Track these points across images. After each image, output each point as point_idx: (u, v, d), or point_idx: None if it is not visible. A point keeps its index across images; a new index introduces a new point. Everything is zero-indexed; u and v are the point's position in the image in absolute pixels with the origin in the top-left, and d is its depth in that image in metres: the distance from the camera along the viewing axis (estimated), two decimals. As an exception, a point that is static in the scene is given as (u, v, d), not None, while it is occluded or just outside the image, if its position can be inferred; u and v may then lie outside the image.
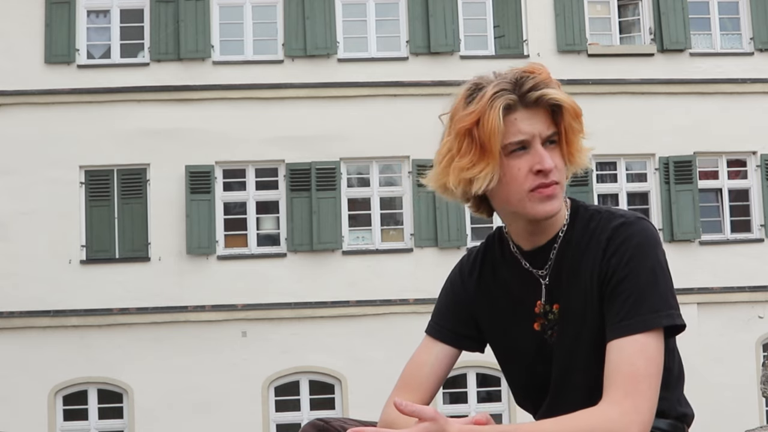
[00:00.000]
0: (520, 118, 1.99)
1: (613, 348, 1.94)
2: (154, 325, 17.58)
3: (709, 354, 17.74)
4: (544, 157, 1.99)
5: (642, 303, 1.95)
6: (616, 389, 1.90)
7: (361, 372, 17.59)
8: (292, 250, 17.93)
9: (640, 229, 2.01)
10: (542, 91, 1.98)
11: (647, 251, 1.99)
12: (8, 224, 17.57)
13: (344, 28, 18.57)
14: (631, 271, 1.97)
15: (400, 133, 17.80)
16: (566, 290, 2.07)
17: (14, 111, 17.78)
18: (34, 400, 17.26)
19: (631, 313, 1.95)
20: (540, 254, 2.11)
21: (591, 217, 2.08)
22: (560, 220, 2.09)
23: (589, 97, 18.28)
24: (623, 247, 2.00)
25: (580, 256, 2.05)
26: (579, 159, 2.04)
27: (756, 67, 18.93)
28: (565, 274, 2.07)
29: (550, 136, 2.01)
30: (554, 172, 2.00)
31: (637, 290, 1.96)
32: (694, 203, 18.49)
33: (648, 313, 1.94)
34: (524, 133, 1.99)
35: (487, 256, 2.21)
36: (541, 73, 2.01)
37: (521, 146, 2.00)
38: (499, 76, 2.02)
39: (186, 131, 17.93)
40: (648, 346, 1.93)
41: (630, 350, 1.92)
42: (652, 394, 1.90)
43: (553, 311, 2.09)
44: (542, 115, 2.00)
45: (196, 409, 17.42)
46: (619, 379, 1.91)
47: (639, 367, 1.91)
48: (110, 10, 18.42)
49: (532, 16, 18.68)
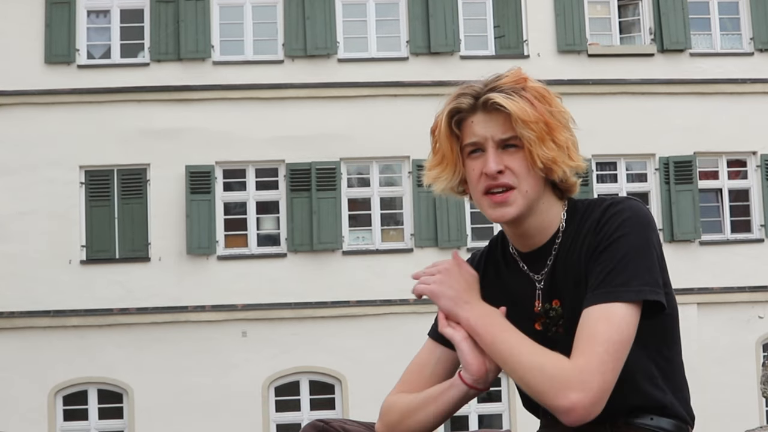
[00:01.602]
0: (476, 121, 2.04)
1: (583, 316, 1.97)
2: (154, 325, 17.58)
3: (709, 354, 17.74)
4: (488, 160, 2.03)
5: (616, 275, 1.97)
6: (575, 349, 1.93)
7: (361, 372, 17.59)
8: (292, 250, 17.93)
9: (628, 207, 2.03)
10: (488, 95, 2.02)
11: (634, 227, 2.01)
12: (8, 224, 17.58)
13: (344, 28, 18.58)
14: (611, 243, 2.00)
15: (400, 133, 17.80)
16: (568, 285, 2.07)
17: (14, 111, 17.78)
18: (34, 400, 17.26)
19: (603, 284, 1.97)
20: (538, 256, 2.12)
21: (586, 209, 2.10)
22: (554, 222, 2.11)
23: (589, 97, 18.31)
24: (610, 221, 2.02)
25: (577, 247, 2.07)
26: (547, 166, 2.02)
27: (756, 67, 18.93)
28: (563, 269, 2.08)
29: (506, 139, 2.03)
30: (505, 176, 2.03)
31: (613, 262, 1.98)
32: (694, 203, 18.49)
33: (619, 285, 1.96)
34: (477, 135, 2.04)
35: (490, 257, 2.22)
36: (510, 77, 2.04)
37: (476, 148, 2.05)
38: (475, 81, 2.07)
39: (186, 131, 17.93)
40: (613, 314, 1.94)
41: (594, 316, 1.95)
42: (608, 358, 1.91)
43: (554, 308, 2.10)
44: (500, 119, 2.03)
45: (196, 409, 17.42)
46: (578, 341, 1.94)
47: (599, 330, 1.93)
48: (110, 10, 18.42)
49: (532, 16, 18.68)
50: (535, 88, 2.04)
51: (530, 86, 2.04)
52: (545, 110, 2.02)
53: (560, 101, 2.08)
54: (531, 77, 2.07)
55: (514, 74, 2.05)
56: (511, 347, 1.97)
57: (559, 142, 2.02)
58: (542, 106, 2.02)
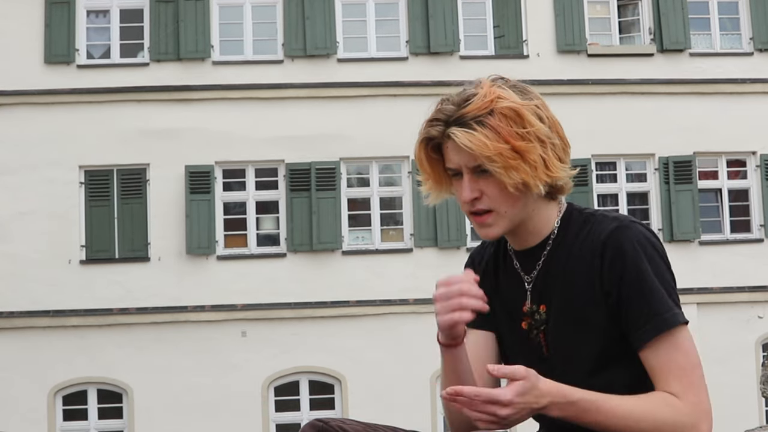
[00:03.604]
0: (450, 147, 2.06)
1: (647, 354, 2.00)
2: (154, 325, 17.58)
3: (709, 354, 17.72)
4: (463, 189, 2.06)
5: (658, 304, 1.99)
6: (671, 385, 1.97)
7: (361, 372, 17.59)
8: (292, 250, 17.94)
9: (637, 232, 2.03)
10: (449, 131, 2.03)
11: (652, 252, 2.02)
12: (8, 224, 17.58)
13: (344, 28, 18.58)
14: (639, 275, 2.00)
15: (400, 133, 17.77)
16: (556, 292, 2.08)
17: (14, 111, 17.78)
18: (34, 400, 17.26)
19: (650, 316, 1.99)
20: (531, 256, 2.14)
21: (585, 221, 2.10)
22: (548, 225, 2.12)
23: (589, 97, 18.32)
24: (624, 251, 2.01)
25: (574, 260, 2.07)
26: (520, 189, 2.02)
27: (756, 67, 18.93)
28: (555, 277, 2.09)
29: (476, 167, 2.04)
30: (482, 201, 2.05)
31: (649, 293, 2.00)
32: (694, 203, 18.49)
33: (665, 312, 1.99)
34: (453, 162, 2.07)
35: (494, 251, 2.25)
36: (476, 102, 2.01)
37: (456, 173, 2.08)
38: (446, 101, 2.06)
39: (186, 131, 17.93)
40: (678, 341, 1.99)
41: (665, 349, 1.98)
42: (703, 383, 2.00)
43: (539, 311, 2.11)
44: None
45: (196, 409, 17.42)
46: (670, 378, 1.97)
47: (680, 361, 1.98)
48: (110, 10, 18.42)
49: (532, 16, 18.68)
50: (507, 107, 2.00)
51: (499, 108, 2.00)
52: (513, 134, 1.99)
53: (541, 109, 2.04)
54: (504, 92, 2.02)
55: (483, 94, 2.02)
56: (623, 419, 1.96)
57: (532, 161, 2.00)
58: (510, 129, 1.99)
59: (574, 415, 1.95)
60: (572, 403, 1.95)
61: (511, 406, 1.87)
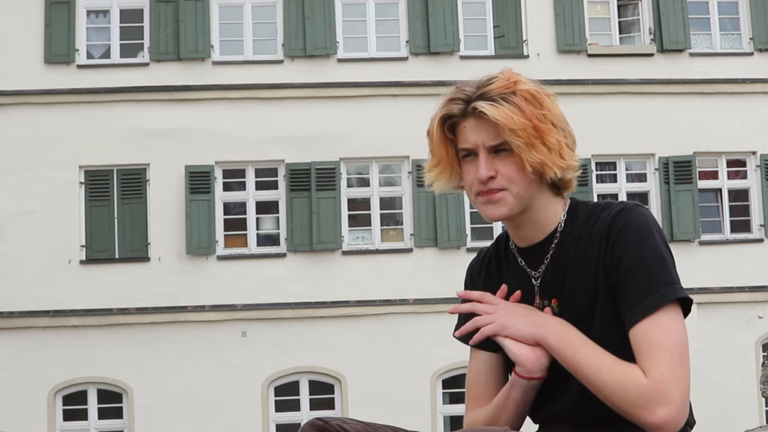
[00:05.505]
0: (468, 127, 2.07)
1: (633, 336, 1.99)
2: (153, 325, 17.57)
3: (709, 354, 17.74)
4: (480, 167, 2.06)
5: (649, 286, 1.99)
6: (642, 365, 1.96)
7: (360, 372, 17.59)
8: (292, 250, 17.93)
9: (640, 214, 2.05)
10: (475, 104, 2.04)
11: (652, 233, 2.03)
12: (8, 224, 17.58)
13: (344, 28, 18.58)
14: (637, 256, 2.01)
15: (400, 133, 17.80)
16: (567, 285, 2.09)
17: (14, 111, 17.78)
18: (34, 400, 17.26)
19: (639, 299, 1.99)
20: (536, 252, 2.14)
21: (591, 212, 2.11)
22: (554, 219, 2.12)
23: (589, 97, 18.32)
24: (626, 231, 2.03)
25: (582, 249, 2.08)
26: (538, 169, 2.04)
27: (756, 67, 18.93)
28: (565, 269, 2.09)
29: (496, 145, 2.05)
30: (497, 180, 2.06)
31: (643, 276, 2.00)
32: (694, 203, 18.49)
33: (655, 292, 1.98)
34: (469, 142, 2.08)
35: (495, 254, 2.25)
36: (500, 81, 2.05)
37: (469, 153, 2.09)
38: (465, 84, 2.09)
39: (186, 131, 17.93)
40: (662, 322, 1.97)
41: (645, 330, 1.97)
42: (676, 363, 1.95)
43: (552, 306, 2.11)
44: (489, 125, 2.05)
45: (195, 409, 17.42)
46: (642, 357, 1.96)
47: (656, 340, 1.96)
48: (110, 10, 18.42)
49: (532, 16, 18.68)
50: (527, 90, 2.05)
51: (521, 89, 2.05)
52: (535, 114, 2.03)
53: (553, 100, 2.09)
54: (523, 78, 2.08)
55: (505, 77, 2.07)
56: (590, 364, 1.98)
57: (550, 144, 2.04)
58: (532, 110, 2.03)
59: (565, 342, 2.01)
60: (570, 330, 2.02)
61: (497, 306, 2.08)
